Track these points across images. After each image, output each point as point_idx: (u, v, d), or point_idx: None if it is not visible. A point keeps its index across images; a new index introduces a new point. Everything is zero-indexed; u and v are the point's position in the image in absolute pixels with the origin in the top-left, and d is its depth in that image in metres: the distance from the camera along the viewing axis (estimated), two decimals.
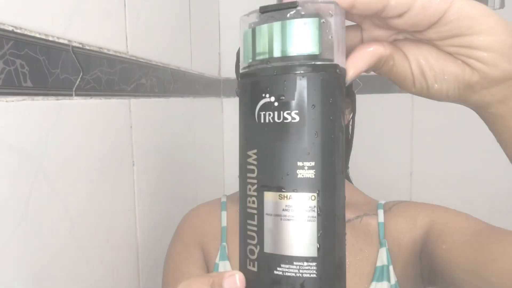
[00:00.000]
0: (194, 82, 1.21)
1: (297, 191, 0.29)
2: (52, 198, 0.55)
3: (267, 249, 0.29)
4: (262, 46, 0.30)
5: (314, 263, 0.29)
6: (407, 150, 1.53)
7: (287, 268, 0.29)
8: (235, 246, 0.28)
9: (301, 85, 0.29)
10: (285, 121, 0.29)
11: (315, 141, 0.29)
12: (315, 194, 0.29)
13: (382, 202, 0.70)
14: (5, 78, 0.46)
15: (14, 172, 0.48)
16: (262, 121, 0.30)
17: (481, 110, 0.34)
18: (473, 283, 0.52)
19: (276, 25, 0.29)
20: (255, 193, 0.30)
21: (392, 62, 0.33)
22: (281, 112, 0.29)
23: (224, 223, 0.72)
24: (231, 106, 1.55)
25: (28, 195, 0.51)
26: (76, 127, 0.60)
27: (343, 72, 0.31)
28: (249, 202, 0.30)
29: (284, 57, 0.29)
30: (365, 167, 1.51)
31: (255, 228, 0.30)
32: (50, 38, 0.55)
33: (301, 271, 0.29)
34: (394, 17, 0.30)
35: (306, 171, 0.29)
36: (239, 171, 0.32)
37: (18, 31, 0.49)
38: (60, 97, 0.57)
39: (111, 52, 0.71)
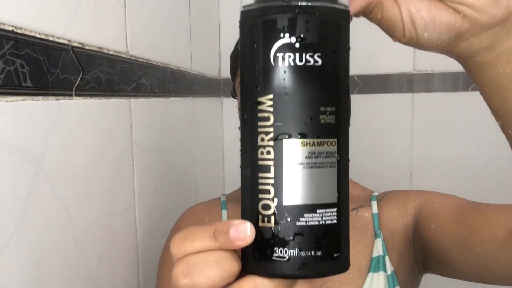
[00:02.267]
0: (194, 82, 1.21)
1: (319, 137, 0.28)
2: (52, 198, 0.55)
3: (288, 201, 0.28)
4: None
5: (335, 209, 0.29)
6: (407, 150, 1.53)
7: (311, 217, 0.28)
8: None
9: (324, 27, 0.28)
10: (307, 64, 0.28)
11: (335, 87, 0.29)
12: (335, 140, 0.29)
13: (376, 193, 0.72)
14: (5, 78, 0.46)
15: (14, 172, 0.48)
16: (280, 63, 0.28)
17: (467, 60, 0.34)
18: (461, 256, 0.55)
19: None
20: (270, 143, 0.28)
21: (382, 8, 0.33)
22: (303, 54, 0.28)
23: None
24: (231, 106, 1.55)
25: (28, 195, 0.51)
26: (76, 127, 0.60)
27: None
28: (262, 153, 0.29)
29: None
30: (365, 167, 1.51)
31: (271, 181, 0.28)
32: (50, 38, 0.55)
33: (323, 218, 0.28)
34: None
35: (328, 116, 0.28)
36: (243, 124, 0.30)
37: (18, 31, 0.49)
38: (60, 97, 0.57)
39: (111, 52, 0.71)
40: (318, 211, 0.28)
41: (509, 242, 0.48)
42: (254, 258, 0.29)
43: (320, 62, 0.28)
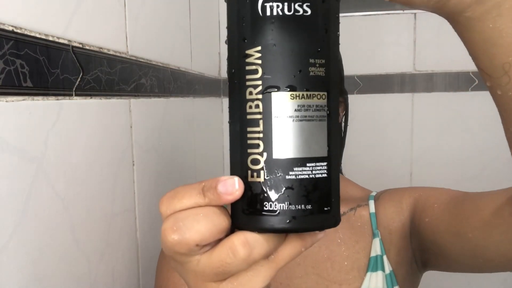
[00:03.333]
0: (194, 82, 1.21)
1: (309, 90, 0.28)
2: (52, 198, 0.55)
3: (278, 154, 0.28)
4: None
5: (325, 163, 0.28)
6: (407, 150, 1.53)
7: (300, 171, 0.28)
8: None
9: None
10: (296, 13, 0.27)
11: (325, 38, 0.28)
12: (325, 93, 0.28)
13: (373, 193, 0.72)
14: (5, 78, 0.46)
15: (14, 172, 0.48)
16: (268, 13, 0.27)
17: (457, 16, 0.33)
18: (455, 244, 0.55)
19: None
20: (259, 96, 0.28)
21: None
22: (292, 4, 0.27)
23: None
24: None
25: (28, 195, 0.51)
26: (76, 127, 0.60)
27: None
28: (250, 107, 0.28)
29: None
30: (365, 166, 1.51)
31: (260, 135, 0.28)
32: (50, 38, 0.55)
33: (313, 172, 0.28)
34: None
35: (317, 68, 0.28)
36: (231, 78, 0.29)
37: (18, 31, 0.49)
38: (60, 97, 0.57)
39: (111, 52, 0.71)
40: (308, 164, 0.28)
41: (494, 223, 0.48)
42: (243, 213, 0.29)
43: (309, 12, 0.27)
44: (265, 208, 0.28)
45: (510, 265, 0.50)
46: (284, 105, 0.28)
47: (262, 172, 0.28)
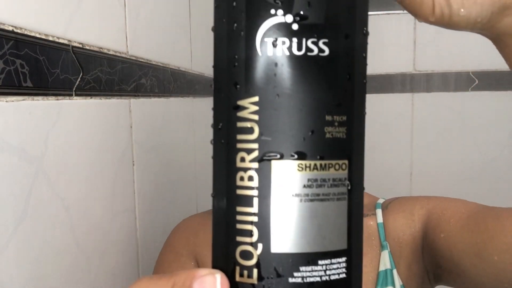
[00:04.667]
0: (194, 82, 1.21)
1: (324, 158, 0.21)
2: (52, 198, 0.55)
3: (278, 247, 0.20)
4: None
5: (344, 258, 0.21)
6: (407, 150, 1.53)
7: (310, 271, 0.20)
8: None
9: (334, 2, 0.21)
10: (309, 53, 0.20)
11: (348, 87, 0.21)
12: (346, 162, 0.21)
13: (380, 201, 0.67)
14: (5, 78, 0.46)
15: (14, 172, 0.48)
16: (269, 52, 0.20)
17: (508, 37, 0.28)
18: (477, 266, 0.50)
19: None
20: (254, 165, 0.21)
21: None
22: (303, 40, 0.20)
23: None
24: None
25: (28, 195, 0.51)
26: (76, 127, 0.60)
27: None
28: (242, 179, 0.21)
29: None
30: (365, 167, 1.51)
31: (253, 219, 0.21)
32: (50, 38, 0.55)
33: (328, 272, 0.21)
34: None
35: (336, 128, 0.21)
36: (217, 135, 0.22)
37: (18, 31, 0.49)
38: (60, 97, 0.57)
39: (111, 52, 0.71)
40: (320, 262, 0.21)
41: None
42: None
43: (327, 51, 0.20)
44: None
45: None
46: (289, 179, 0.21)
47: (255, 271, 0.21)
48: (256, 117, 0.21)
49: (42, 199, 0.53)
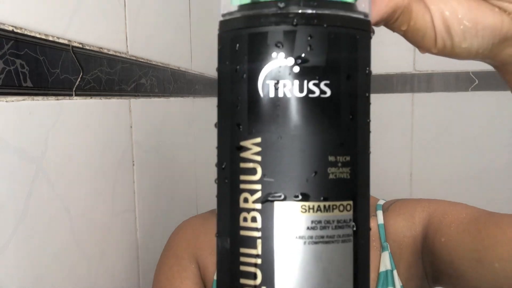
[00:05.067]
0: (194, 82, 1.21)
1: (328, 200, 0.21)
2: (52, 198, 0.55)
3: None
4: None
5: None
6: (407, 150, 1.53)
7: None
8: None
9: (335, 44, 0.21)
10: (310, 95, 0.20)
11: (350, 127, 0.21)
12: (351, 203, 0.21)
13: (381, 202, 0.67)
14: (5, 78, 0.46)
15: (14, 172, 0.48)
16: (271, 95, 0.20)
17: (509, 66, 0.29)
18: (477, 272, 0.50)
19: None
20: (257, 206, 0.21)
21: (410, 15, 0.26)
22: (305, 82, 0.20)
23: None
24: None
25: (28, 195, 0.51)
26: (76, 127, 0.60)
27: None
28: (245, 220, 0.21)
29: (311, 1, 0.20)
30: None
31: (257, 261, 0.20)
32: (50, 38, 0.55)
33: None
34: None
35: (340, 169, 0.21)
36: (220, 175, 0.22)
37: (18, 31, 0.49)
38: (60, 97, 0.57)
39: (111, 52, 0.71)
40: None
41: None
42: None
43: (328, 92, 0.20)
44: None
45: None
46: (292, 221, 0.20)
47: None
48: (259, 158, 0.21)
49: (42, 199, 0.53)
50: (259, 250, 0.21)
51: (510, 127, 1.37)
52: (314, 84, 0.20)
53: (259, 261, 0.20)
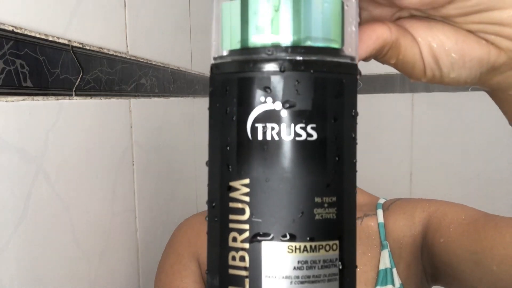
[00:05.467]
0: (194, 82, 1.21)
1: (314, 240, 0.21)
2: (52, 198, 0.55)
3: None
4: (260, 27, 0.21)
5: None
6: (407, 150, 1.53)
7: None
8: None
9: (321, 89, 0.21)
10: (297, 138, 0.21)
11: (337, 168, 0.22)
12: (337, 242, 0.21)
13: (381, 201, 0.68)
14: (5, 78, 0.46)
15: (14, 172, 0.48)
16: (259, 137, 0.21)
17: (500, 93, 0.30)
18: (475, 273, 0.51)
19: (286, 0, 0.21)
20: (245, 245, 0.21)
21: (398, 49, 0.26)
22: (292, 126, 0.21)
23: None
24: None
25: (28, 195, 0.51)
26: (76, 127, 0.60)
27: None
28: (234, 258, 0.21)
29: (298, 48, 0.21)
30: (365, 167, 1.51)
31: None
32: (50, 38, 0.55)
33: None
34: None
35: (326, 210, 0.21)
36: (211, 213, 0.23)
37: (18, 31, 0.49)
38: (60, 97, 0.57)
39: (111, 52, 0.71)
40: None
41: None
42: None
43: (315, 136, 0.21)
44: None
45: None
46: (279, 261, 0.21)
47: None
48: (247, 198, 0.21)
49: (42, 199, 0.53)
50: None
51: (510, 127, 1.37)
52: (301, 127, 0.21)
53: None
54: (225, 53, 0.23)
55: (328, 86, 0.21)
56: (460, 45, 0.26)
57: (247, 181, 0.21)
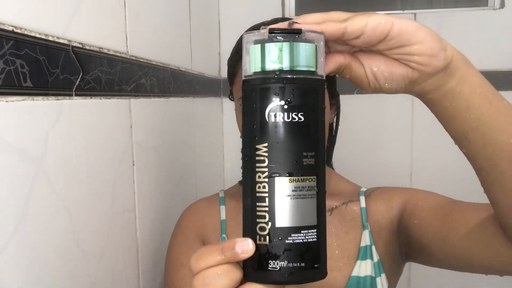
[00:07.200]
0: (194, 82, 1.21)
1: (303, 175, 0.37)
2: (52, 198, 0.55)
3: (279, 223, 0.36)
4: (272, 60, 0.37)
5: (315, 230, 0.37)
6: (407, 150, 1.53)
7: (296, 236, 0.36)
8: (235, 237, 0.38)
9: (306, 93, 0.37)
10: (293, 120, 0.36)
11: (315, 137, 0.37)
12: (315, 177, 0.37)
13: (363, 189, 0.78)
14: (5, 78, 0.46)
15: (14, 172, 0.48)
16: (272, 120, 0.36)
17: (422, 97, 0.45)
18: (442, 249, 0.62)
19: (286, 45, 0.36)
20: (265, 180, 0.37)
21: (350, 69, 0.43)
22: (290, 113, 0.36)
23: (223, 216, 0.78)
24: (231, 106, 1.55)
25: (28, 195, 0.51)
26: (76, 127, 0.60)
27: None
28: (259, 187, 0.37)
29: (292, 71, 0.37)
30: (365, 167, 1.51)
31: (266, 209, 0.36)
32: (50, 38, 0.55)
33: (306, 237, 0.36)
34: (352, 39, 0.40)
35: (309, 159, 0.37)
36: (244, 164, 0.38)
37: (18, 31, 0.49)
38: (60, 97, 0.57)
39: (111, 52, 0.71)
40: (302, 231, 0.36)
41: (478, 236, 0.56)
42: (253, 269, 0.37)
43: (302, 119, 0.37)
44: (269, 266, 0.36)
45: (490, 272, 0.58)
46: (284, 187, 0.36)
47: (267, 237, 0.36)
48: (266, 154, 0.37)
49: (42, 199, 0.53)
50: (267, 203, 0.37)
51: None
52: (294, 114, 0.37)
53: (267, 209, 0.37)
54: (252, 74, 0.38)
55: (309, 91, 0.37)
56: (389, 67, 0.42)
57: (266, 144, 0.37)
